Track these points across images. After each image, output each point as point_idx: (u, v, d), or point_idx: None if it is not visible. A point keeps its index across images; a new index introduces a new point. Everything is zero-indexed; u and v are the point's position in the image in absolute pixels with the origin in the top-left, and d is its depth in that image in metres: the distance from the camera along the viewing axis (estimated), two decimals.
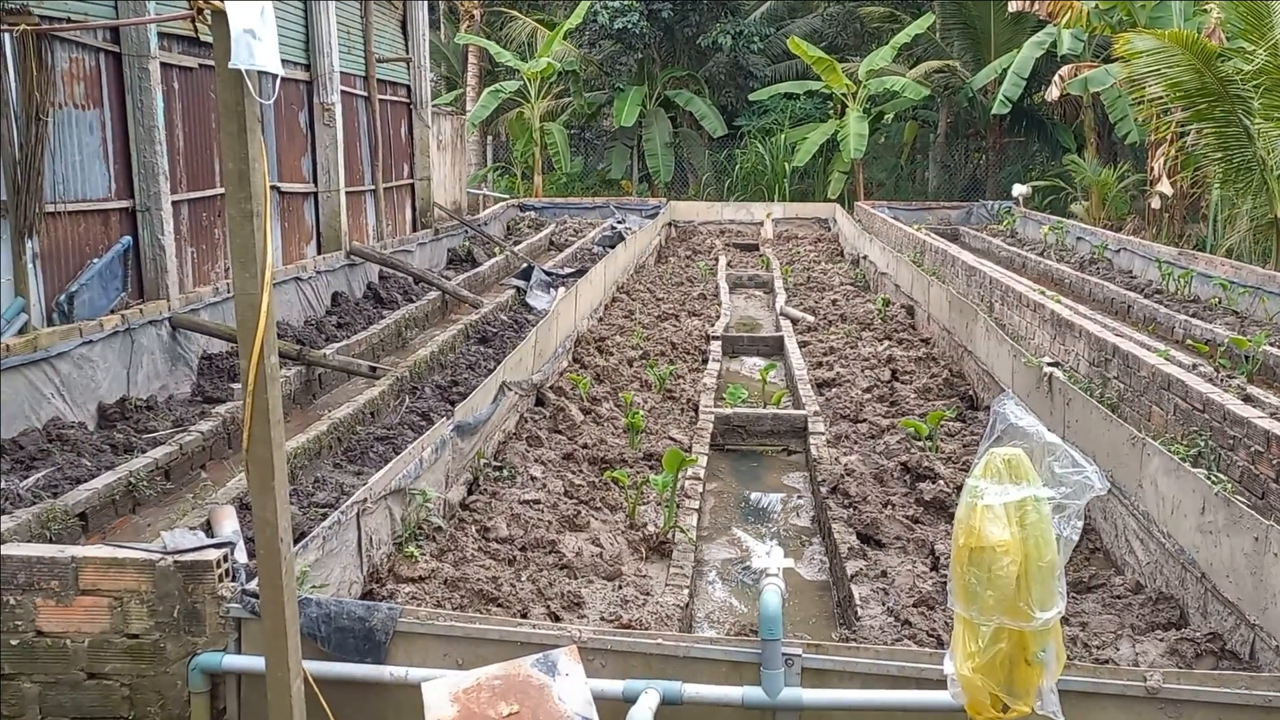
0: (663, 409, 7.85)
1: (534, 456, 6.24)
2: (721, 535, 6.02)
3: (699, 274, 15.08)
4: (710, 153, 25.83)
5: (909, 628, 4.04)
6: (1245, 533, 3.82)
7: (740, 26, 24.17)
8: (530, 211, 20.57)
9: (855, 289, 13.51)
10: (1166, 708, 2.70)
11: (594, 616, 4.29)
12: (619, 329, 10.48)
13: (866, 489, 5.92)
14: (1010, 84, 19.24)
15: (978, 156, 24.79)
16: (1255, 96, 10.29)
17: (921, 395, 8.11)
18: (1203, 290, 10.70)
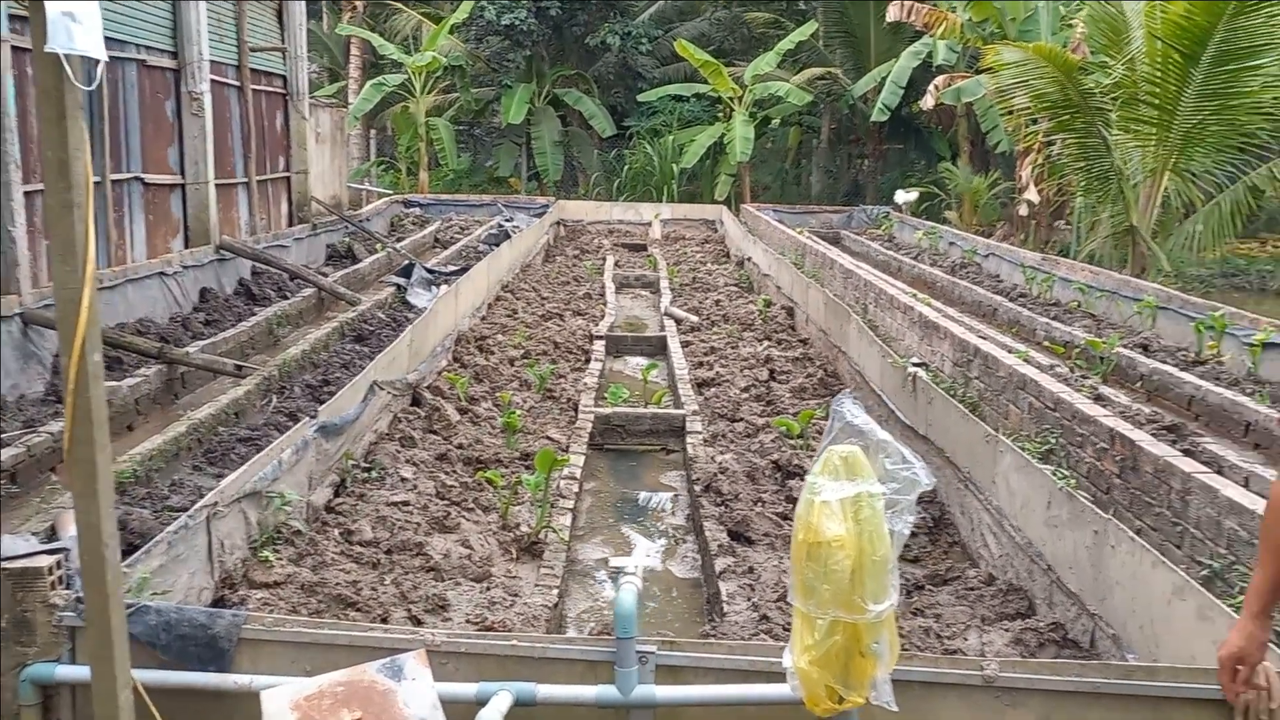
0: (542, 409, 7.81)
1: (406, 457, 6.14)
2: (597, 535, 6.02)
3: (586, 273, 15.08)
4: (599, 152, 25.87)
5: (767, 622, 4.11)
6: (1086, 526, 3.99)
7: (629, 27, 24.27)
8: (415, 208, 20.26)
9: (739, 290, 13.69)
10: (1002, 696, 2.79)
11: (459, 619, 4.24)
12: (501, 328, 10.41)
13: (739, 487, 6.00)
14: (889, 92, 19.76)
15: (859, 162, 25.39)
16: (1113, 109, 10.77)
17: (797, 395, 8.25)
18: (1063, 294, 11.15)
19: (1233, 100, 10.30)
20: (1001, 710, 2.81)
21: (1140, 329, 9.23)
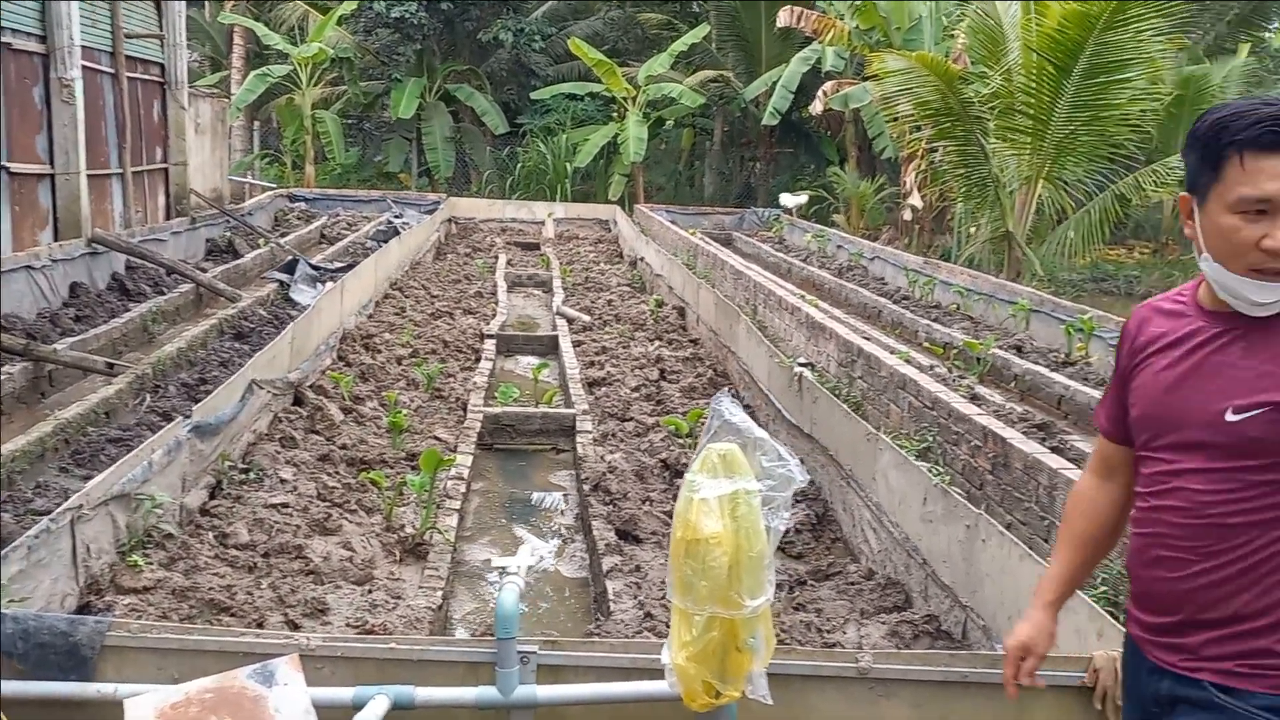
0: (430, 408, 7.71)
1: (286, 458, 5.99)
2: (485, 535, 5.97)
3: (477, 272, 14.94)
4: (492, 150, 25.66)
5: (651, 620, 4.13)
6: (959, 521, 4.12)
7: (522, 24, 24.13)
8: (301, 202, 19.76)
9: (632, 290, 13.73)
10: (876, 687, 2.86)
11: (339, 623, 4.15)
12: (389, 326, 10.24)
13: (628, 486, 6.02)
14: (779, 97, 20.08)
15: (751, 165, 25.72)
16: (991, 118, 11.15)
17: (687, 394, 8.32)
18: (944, 297, 11.50)
19: (1102, 112, 10.76)
20: (875, 701, 2.88)
21: (1015, 331, 9.57)
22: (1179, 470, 1.90)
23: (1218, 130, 1.81)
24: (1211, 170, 1.82)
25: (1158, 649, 1.97)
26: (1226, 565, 1.86)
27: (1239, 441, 1.82)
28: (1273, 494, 1.82)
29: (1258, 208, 1.76)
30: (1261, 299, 1.80)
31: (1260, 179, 1.75)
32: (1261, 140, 1.75)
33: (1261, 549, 1.83)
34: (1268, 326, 1.83)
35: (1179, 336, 1.96)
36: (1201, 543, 1.88)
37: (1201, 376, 1.89)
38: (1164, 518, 1.93)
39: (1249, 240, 1.78)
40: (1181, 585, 1.91)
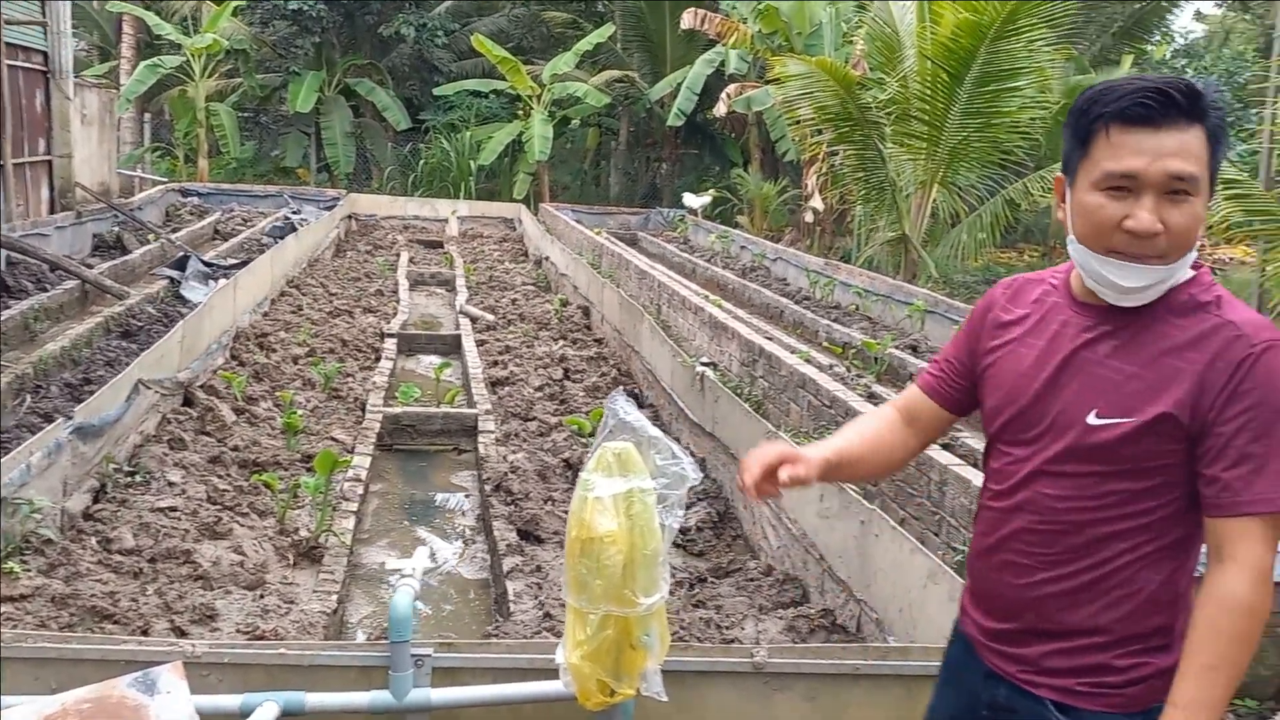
0: (327, 408, 7.57)
1: (175, 460, 5.81)
2: (383, 538, 5.88)
3: (378, 270, 14.70)
4: (394, 146, 25.27)
5: (550, 620, 4.12)
6: (854, 517, 4.20)
7: (424, 19, 23.80)
8: (194, 197, 19.16)
9: (536, 289, 13.68)
10: (771, 681, 2.90)
11: (228, 629, 4.05)
12: (285, 325, 10.01)
13: (530, 486, 6.00)
14: (684, 98, 20.20)
15: (657, 165, 25.83)
16: (888, 124, 11.39)
17: (591, 393, 8.32)
18: (844, 297, 11.72)
19: (994, 119, 11.09)
20: (770, 695, 2.92)
21: (911, 331, 9.80)
22: (1035, 472, 1.79)
23: (1089, 104, 1.72)
24: (1081, 147, 1.72)
25: (996, 655, 1.88)
26: (1075, 575, 1.77)
27: (1100, 447, 1.72)
28: (1127, 504, 1.73)
29: (1121, 184, 1.66)
30: (1125, 283, 1.69)
31: (1124, 154, 1.65)
32: (1127, 113, 1.66)
33: (1111, 560, 1.75)
34: (1138, 326, 1.73)
35: (1046, 322, 1.84)
36: (1052, 551, 1.78)
37: (1067, 372, 1.77)
38: (1016, 522, 1.82)
39: (1112, 219, 1.67)
40: (1028, 593, 1.81)
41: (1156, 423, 1.67)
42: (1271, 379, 1.64)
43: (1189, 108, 1.65)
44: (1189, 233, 1.67)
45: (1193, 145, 1.65)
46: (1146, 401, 1.68)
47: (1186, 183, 1.64)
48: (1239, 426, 1.64)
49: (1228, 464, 1.65)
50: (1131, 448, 1.69)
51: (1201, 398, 1.66)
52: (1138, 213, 1.65)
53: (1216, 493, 1.67)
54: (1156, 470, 1.70)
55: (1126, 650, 1.76)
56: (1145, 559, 1.74)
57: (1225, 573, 1.66)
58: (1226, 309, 1.71)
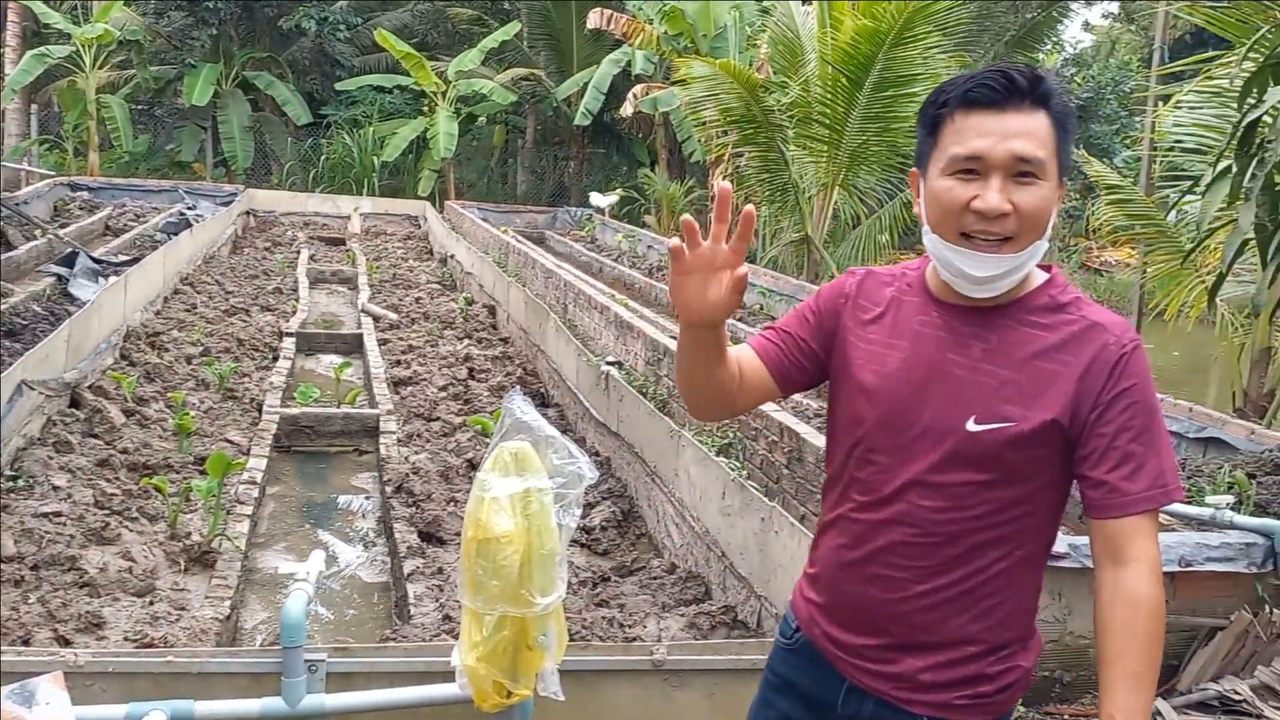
0: (222, 409, 7.38)
1: (60, 464, 5.60)
2: (280, 542, 5.76)
3: (277, 267, 14.38)
4: (294, 141, 24.73)
5: (450, 622, 4.09)
6: (755, 514, 4.26)
7: (326, 12, 23.36)
8: (83, 192, 18.45)
9: (441, 288, 13.54)
10: (670, 678, 2.94)
11: (116, 637, 3.92)
12: (179, 323, 9.73)
13: (432, 487, 5.94)
14: (591, 98, 20.20)
15: (564, 164, 25.79)
16: (791, 126, 11.57)
17: (495, 393, 8.27)
18: (749, 298, 11.84)
19: (892, 124, 11.34)
20: (669, 692, 2.95)
21: None
22: (911, 482, 1.72)
23: (937, 95, 1.72)
24: (931, 137, 1.71)
25: (860, 672, 1.80)
26: (950, 587, 1.72)
27: (975, 453, 1.68)
28: (1003, 510, 1.71)
29: (969, 166, 1.64)
30: (977, 272, 1.66)
31: (969, 136, 1.64)
32: (970, 96, 1.65)
33: (985, 569, 1.72)
34: (1004, 328, 1.72)
35: (906, 322, 1.79)
36: (928, 563, 1.72)
37: (938, 378, 1.72)
38: (890, 535, 1.75)
39: (960, 200, 1.65)
40: (900, 607, 1.75)
41: (1042, 428, 1.67)
42: (1144, 377, 1.70)
43: (1031, 92, 1.65)
44: (1038, 215, 1.65)
45: (1037, 129, 1.65)
46: (1027, 406, 1.67)
47: (1032, 165, 1.64)
48: (1119, 427, 1.67)
49: (1113, 465, 1.67)
50: (1013, 453, 1.67)
51: (1081, 402, 1.67)
52: (986, 193, 1.63)
53: (1105, 494, 1.68)
54: (1032, 475, 1.70)
55: (997, 657, 1.76)
56: (1016, 565, 1.74)
57: (1129, 573, 1.67)
58: (1087, 310, 1.74)
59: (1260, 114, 4.75)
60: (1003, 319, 1.73)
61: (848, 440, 1.82)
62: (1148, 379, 1.71)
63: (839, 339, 1.84)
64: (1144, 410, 1.69)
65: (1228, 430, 6.54)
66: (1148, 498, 1.68)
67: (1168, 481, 1.70)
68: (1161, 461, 1.69)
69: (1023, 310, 1.73)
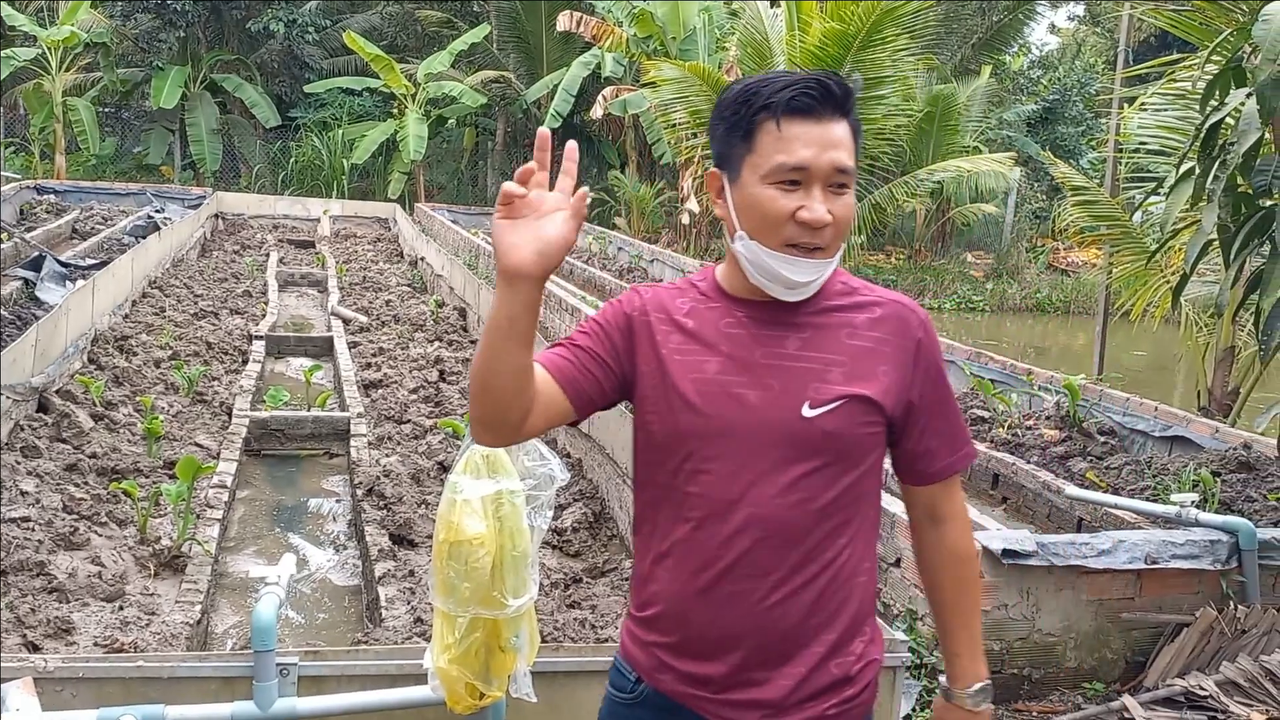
0: (191, 413, 7.34)
1: (28, 469, 5.55)
2: (250, 545, 5.73)
3: (246, 270, 14.30)
4: (263, 143, 24.57)
5: (422, 625, 4.10)
6: None
7: (294, 15, 23.21)
8: (50, 195, 18.30)
9: (411, 290, 13.50)
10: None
11: (85, 643, 3.90)
12: (147, 327, 9.65)
13: (403, 489, 5.93)
14: (561, 100, 20.21)
15: None
16: None
17: (466, 395, 8.25)
18: None
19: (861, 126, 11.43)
20: None
21: None
22: (753, 483, 1.67)
23: (749, 96, 1.66)
24: (743, 140, 1.66)
25: (727, 708, 1.70)
26: (806, 587, 1.68)
27: (815, 438, 1.67)
28: (843, 495, 1.70)
29: (792, 177, 1.63)
30: (798, 278, 1.66)
31: (795, 146, 1.62)
32: (794, 104, 1.63)
33: (835, 559, 1.70)
34: (812, 316, 1.73)
35: (712, 329, 1.74)
36: (784, 565, 1.68)
37: (763, 373, 1.69)
38: (739, 545, 1.67)
39: (785, 211, 1.63)
40: (764, 619, 1.68)
41: (864, 402, 1.69)
42: (937, 348, 1.82)
43: (842, 101, 1.66)
44: (849, 222, 1.71)
45: (846, 139, 1.67)
46: (856, 384, 1.69)
47: (846, 174, 1.66)
48: (929, 400, 1.78)
49: (930, 436, 1.79)
50: (849, 433, 1.68)
51: (899, 379, 1.73)
52: (812, 205, 1.63)
53: (926, 464, 1.81)
54: (865, 455, 1.73)
55: (853, 655, 1.74)
56: (857, 552, 1.74)
57: (950, 530, 1.85)
58: (879, 291, 1.81)
59: (1222, 116, 4.83)
60: (808, 310, 1.73)
61: (672, 458, 1.72)
62: (939, 349, 1.83)
63: (641, 356, 1.74)
64: (941, 380, 1.81)
65: (1192, 429, 6.65)
66: (959, 460, 1.83)
67: (967, 440, 1.86)
68: (960, 425, 1.84)
69: (823, 297, 1.75)
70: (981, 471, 6.67)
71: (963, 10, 22.69)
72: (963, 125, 20.03)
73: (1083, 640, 4.29)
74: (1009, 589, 4.16)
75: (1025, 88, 27.26)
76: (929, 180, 13.58)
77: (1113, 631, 4.33)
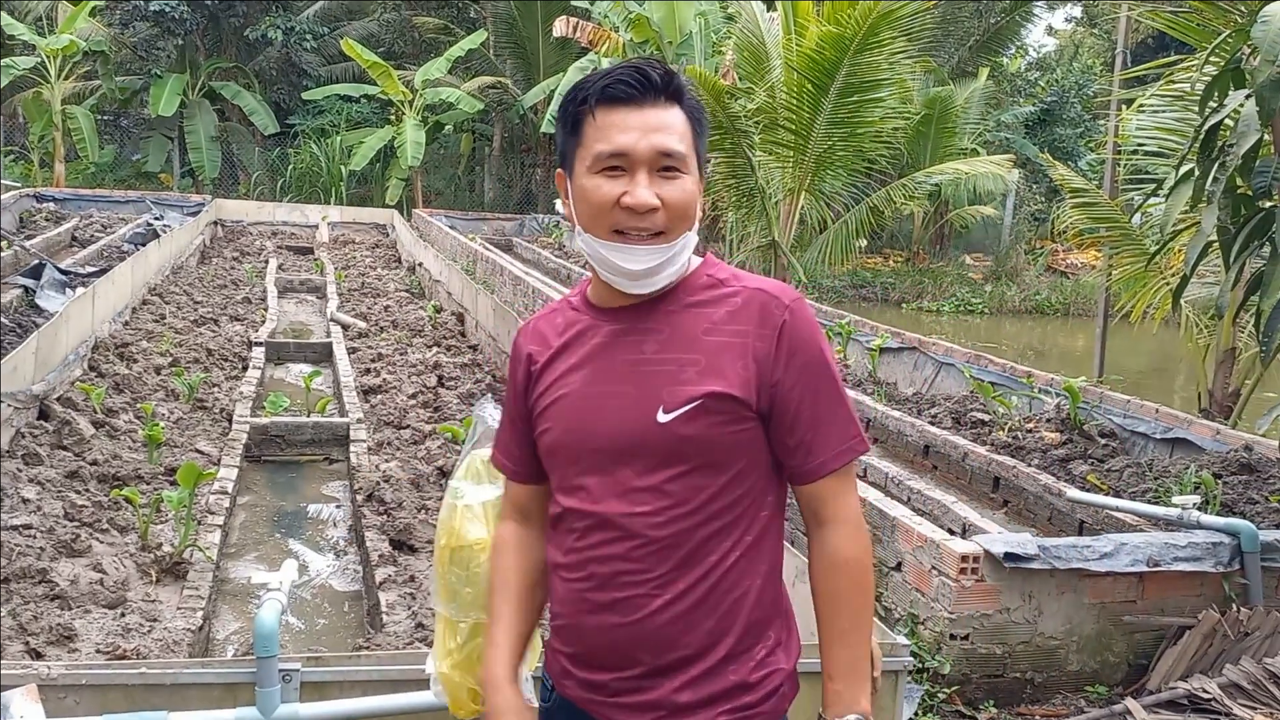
0: (192, 420, 7.34)
1: (29, 476, 5.56)
2: (251, 551, 5.73)
3: (246, 277, 14.31)
4: (262, 150, 24.61)
5: (423, 630, 4.10)
6: None
7: (292, 22, 23.26)
8: (50, 203, 18.32)
9: (410, 296, 13.52)
10: None
11: (88, 649, 3.90)
12: (147, 334, 9.66)
13: (403, 495, 5.93)
14: (557, 105, 20.21)
15: (532, 171, 25.78)
16: (757, 132, 11.64)
17: (465, 400, 8.26)
18: None
19: (858, 129, 11.43)
20: None
21: None
22: (620, 495, 1.68)
23: (574, 91, 1.69)
24: (572, 135, 1.69)
25: (619, 711, 1.72)
26: (687, 594, 1.67)
27: (673, 443, 1.64)
28: (717, 500, 1.66)
29: (614, 163, 1.63)
30: (633, 266, 1.65)
31: (612, 133, 1.63)
32: (610, 92, 1.64)
33: (716, 566, 1.67)
34: (670, 315, 1.70)
35: (581, 343, 1.75)
36: (658, 574, 1.66)
37: (619, 380, 1.69)
38: (603, 552, 1.69)
39: (610, 197, 1.63)
40: (643, 628, 1.68)
41: (730, 400, 1.64)
42: (811, 333, 1.69)
43: (665, 86, 1.65)
44: (685, 207, 1.66)
45: (675, 124, 1.65)
46: (709, 383, 1.64)
47: (674, 159, 1.64)
48: (801, 390, 1.67)
49: (803, 429, 1.67)
50: (710, 435, 1.64)
51: (760, 369, 1.65)
52: (634, 189, 1.62)
53: (801, 460, 1.69)
54: (735, 456, 1.67)
55: (755, 662, 1.71)
56: (747, 554, 1.70)
57: (829, 535, 1.70)
58: (746, 280, 1.74)
59: (1221, 118, 4.83)
60: (668, 308, 1.70)
61: (554, 474, 1.78)
62: (816, 334, 1.71)
63: (531, 398, 1.81)
64: (817, 368, 1.69)
65: (1193, 431, 6.65)
66: (837, 456, 1.69)
67: (852, 435, 1.71)
68: (843, 417, 1.70)
69: (685, 294, 1.71)
70: (982, 475, 6.67)
71: (960, 13, 22.73)
72: (960, 127, 20.07)
73: (1085, 643, 4.29)
74: (1011, 592, 4.16)
75: (1023, 90, 27.31)
76: (926, 183, 13.58)
77: (1115, 634, 4.32)
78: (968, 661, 4.16)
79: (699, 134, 1.70)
